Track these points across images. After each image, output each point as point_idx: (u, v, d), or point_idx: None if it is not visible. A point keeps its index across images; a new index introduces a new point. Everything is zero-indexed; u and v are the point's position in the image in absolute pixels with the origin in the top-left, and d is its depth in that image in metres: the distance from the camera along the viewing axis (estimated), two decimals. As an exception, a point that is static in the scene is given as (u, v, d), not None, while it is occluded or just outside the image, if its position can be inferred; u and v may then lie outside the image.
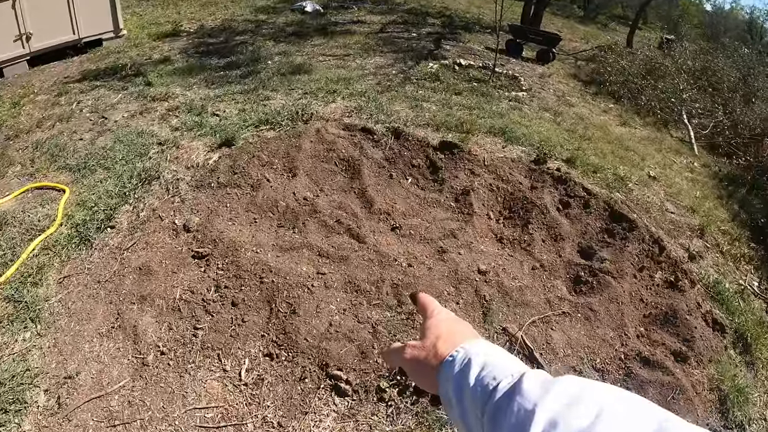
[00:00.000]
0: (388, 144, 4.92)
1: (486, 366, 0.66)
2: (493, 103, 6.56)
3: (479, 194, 4.54)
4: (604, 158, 5.74)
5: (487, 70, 7.81)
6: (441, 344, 0.75)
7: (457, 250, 4.07)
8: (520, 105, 6.77)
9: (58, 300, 3.77)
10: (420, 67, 7.58)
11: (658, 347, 3.82)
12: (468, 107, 6.29)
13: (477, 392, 0.64)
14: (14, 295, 3.72)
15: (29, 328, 3.52)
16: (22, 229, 4.38)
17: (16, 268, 3.92)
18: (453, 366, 0.69)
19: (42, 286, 3.83)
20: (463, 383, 0.66)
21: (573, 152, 5.51)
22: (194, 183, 4.54)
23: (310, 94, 6.25)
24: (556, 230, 4.44)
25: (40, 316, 3.60)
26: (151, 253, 3.96)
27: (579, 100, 7.69)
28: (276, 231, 4.08)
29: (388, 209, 4.32)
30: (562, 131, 6.26)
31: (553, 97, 7.43)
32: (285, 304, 3.51)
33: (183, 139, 5.30)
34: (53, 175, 5.10)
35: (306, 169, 4.63)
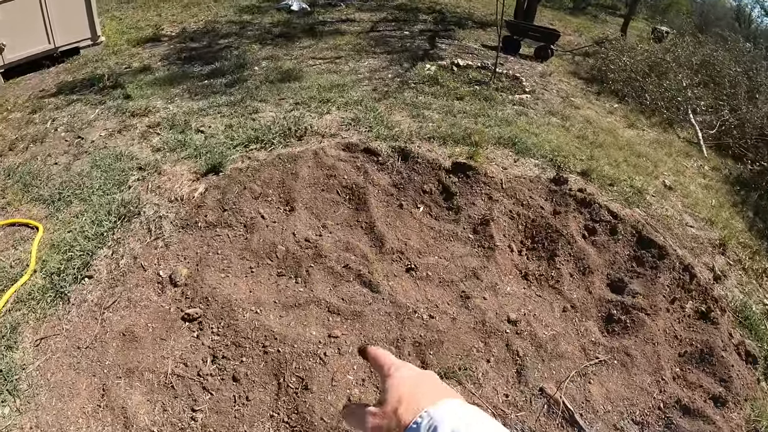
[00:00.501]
0: (394, 167, 4.30)
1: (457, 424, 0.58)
2: (497, 109, 5.96)
3: (499, 223, 3.96)
4: (618, 167, 5.21)
5: (486, 71, 7.17)
6: (403, 410, 0.64)
7: (482, 293, 3.51)
8: (526, 109, 6.17)
9: (36, 368, 3.26)
10: (417, 69, 6.91)
11: (695, 390, 3.42)
12: (472, 114, 5.67)
13: None
14: None
15: (7, 402, 3.05)
16: (-6, 277, 3.79)
17: None
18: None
19: (17, 350, 3.32)
20: None
21: (587, 163, 4.99)
22: (179, 222, 3.88)
23: (302, 105, 5.58)
24: (584, 262, 3.90)
25: (18, 388, 3.10)
26: (135, 314, 3.33)
27: (584, 101, 7.10)
28: (276, 283, 3.46)
29: (400, 247, 3.73)
30: (572, 138, 5.70)
31: (557, 99, 6.84)
32: (295, 377, 2.91)
33: (165, 163, 4.64)
34: (26, 208, 4.46)
35: (305, 201, 4.00)
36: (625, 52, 8.77)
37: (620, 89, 7.81)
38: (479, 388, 2.97)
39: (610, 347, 3.47)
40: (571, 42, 10.23)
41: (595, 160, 5.13)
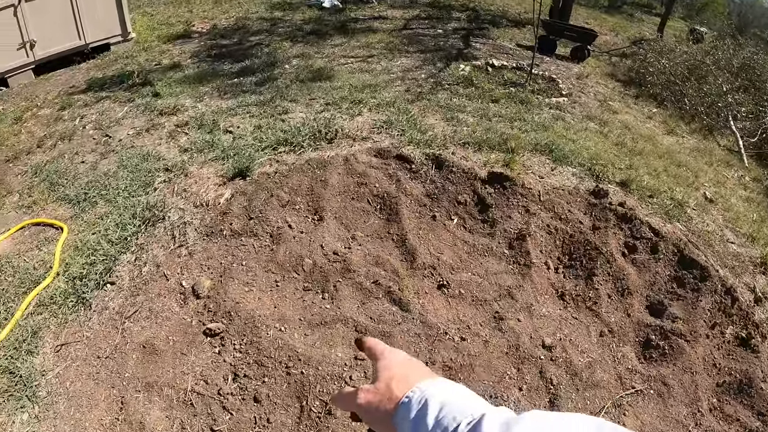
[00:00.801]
0: (428, 175, 4.06)
1: (444, 406, 0.60)
2: (534, 113, 5.66)
3: (536, 239, 3.70)
4: (658, 178, 4.88)
5: (522, 72, 6.85)
6: (395, 385, 0.67)
7: (516, 315, 3.27)
8: (563, 113, 5.86)
9: (55, 375, 3.15)
10: (451, 69, 6.63)
11: (732, 423, 3.16)
12: (508, 118, 5.39)
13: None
14: (8, 366, 3.16)
15: (26, 408, 2.96)
16: (17, 279, 3.78)
17: (9, 330, 3.34)
18: (410, 408, 0.63)
19: (38, 354, 3.22)
20: (420, 426, 0.60)
21: (626, 172, 4.68)
22: (203, 229, 3.71)
23: (332, 106, 5.37)
24: (623, 282, 3.62)
25: (37, 394, 3.01)
26: (156, 326, 3.18)
27: (622, 105, 6.74)
28: (302, 298, 3.26)
29: (433, 262, 3.49)
30: (611, 145, 5.38)
31: (594, 103, 6.49)
32: (318, 401, 2.72)
33: (192, 164, 4.48)
34: (52, 207, 4.37)
35: (334, 210, 3.79)
36: (664, 53, 8.34)
37: (659, 93, 7.41)
38: None
39: (646, 375, 3.21)
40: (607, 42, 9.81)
41: (635, 170, 4.82)
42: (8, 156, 5.01)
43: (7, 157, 5.00)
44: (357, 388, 0.71)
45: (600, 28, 10.15)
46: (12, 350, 3.26)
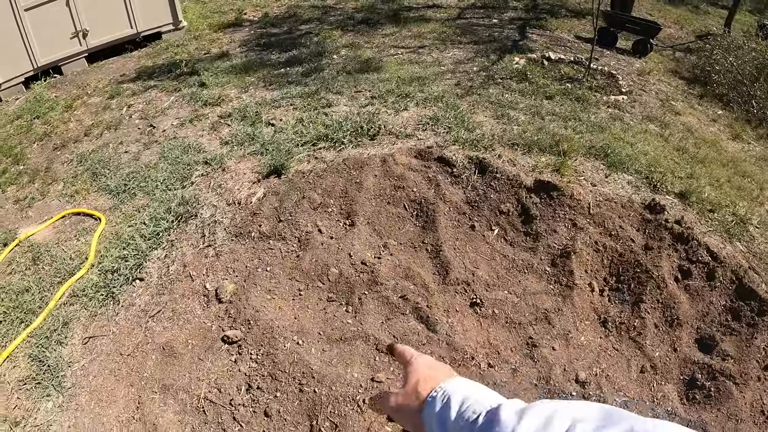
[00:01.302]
0: (470, 181, 3.78)
1: (466, 400, 0.66)
2: (590, 111, 5.23)
3: (582, 257, 3.36)
4: (720, 189, 4.37)
5: (580, 66, 6.37)
6: (421, 386, 0.73)
7: (552, 342, 2.97)
8: (621, 113, 5.39)
9: (81, 367, 3.18)
10: (504, 62, 6.24)
11: None
12: (562, 117, 5.00)
13: (459, 425, 0.64)
14: (38, 354, 3.25)
15: (51, 396, 3.03)
16: (54, 268, 3.87)
17: (42, 319, 3.42)
18: (435, 404, 0.69)
19: (67, 345, 3.28)
20: (445, 419, 0.66)
21: (686, 182, 4.20)
22: (233, 229, 3.61)
23: (378, 99, 5.14)
24: (673, 311, 3.21)
25: (62, 384, 3.06)
26: (177, 328, 3.11)
27: (685, 106, 6.15)
28: (324, 309, 3.09)
29: (467, 277, 3.24)
30: (671, 150, 4.89)
31: (656, 102, 5.95)
32: (329, 422, 2.56)
33: (231, 158, 4.40)
34: (93, 197, 4.42)
35: (367, 215, 3.59)
36: (731, 50, 7.56)
37: (725, 93, 6.72)
38: None
39: (687, 420, 2.82)
40: (671, 36, 9.00)
41: (696, 180, 4.34)
42: (57, 144, 5.11)
43: (55, 145, 5.10)
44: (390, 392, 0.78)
45: (663, 20, 9.26)
46: (43, 339, 3.33)
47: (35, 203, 4.51)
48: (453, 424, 0.64)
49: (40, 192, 4.60)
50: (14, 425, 2.94)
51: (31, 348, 3.29)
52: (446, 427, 0.65)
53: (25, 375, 3.18)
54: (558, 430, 0.52)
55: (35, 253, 3.97)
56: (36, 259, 3.92)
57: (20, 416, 2.99)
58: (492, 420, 0.59)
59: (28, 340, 3.34)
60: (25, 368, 3.22)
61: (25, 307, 3.56)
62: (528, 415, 0.56)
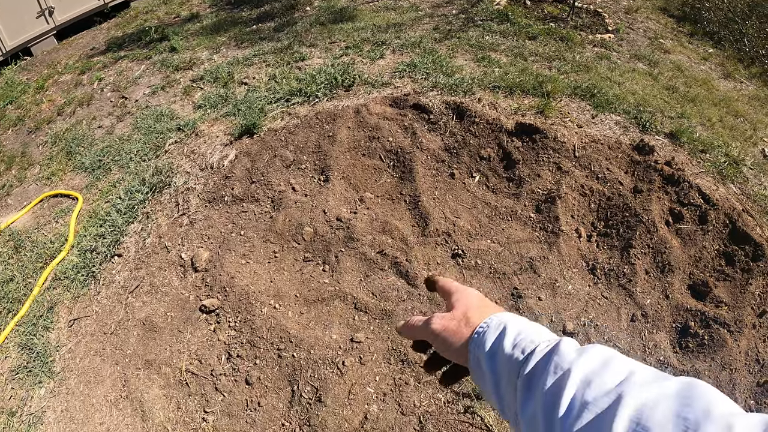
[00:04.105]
0: (448, 127, 3.67)
1: (522, 332, 0.65)
2: (575, 51, 5.03)
3: (567, 201, 3.27)
4: (712, 129, 4.20)
5: (564, 5, 6.10)
6: (472, 314, 0.72)
7: (538, 292, 2.93)
8: (608, 52, 5.17)
9: (68, 350, 3.24)
10: (485, 3, 5.97)
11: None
12: (546, 57, 4.82)
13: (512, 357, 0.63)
14: (27, 342, 3.34)
15: (43, 383, 3.12)
16: (35, 254, 3.88)
17: (28, 307, 3.50)
18: (487, 333, 0.68)
19: (53, 330, 3.35)
20: (497, 350, 0.65)
21: (677, 122, 4.04)
22: (206, 195, 3.58)
23: (353, 49, 4.99)
24: (664, 256, 3.12)
25: (53, 369, 3.15)
26: (156, 302, 3.13)
27: (674, 44, 5.88)
28: (301, 271, 3.07)
29: (448, 228, 3.19)
30: (661, 89, 4.69)
31: (644, 40, 5.70)
32: (309, 387, 2.58)
33: (204, 122, 4.33)
34: (69, 177, 4.42)
35: (342, 169, 3.52)
36: None
37: (716, 32, 6.43)
38: None
39: (680, 370, 2.75)
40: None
41: (687, 119, 4.17)
42: (30, 127, 5.07)
43: (29, 129, 5.07)
44: (430, 315, 0.76)
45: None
46: (30, 326, 3.38)
47: (14, 190, 4.52)
48: (505, 355, 0.64)
49: (17, 178, 4.59)
50: (11, 416, 3.02)
51: (20, 337, 3.34)
52: (497, 358, 0.65)
53: (16, 364, 3.23)
54: (616, 374, 0.53)
55: (16, 241, 3.99)
56: (18, 247, 3.95)
57: (15, 406, 3.06)
58: (552, 353, 0.59)
59: (17, 329, 3.39)
60: (16, 358, 3.28)
61: (11, 297, 3.60)
62: (588, 353, 0.57)
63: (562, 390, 0.54)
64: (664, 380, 0.51)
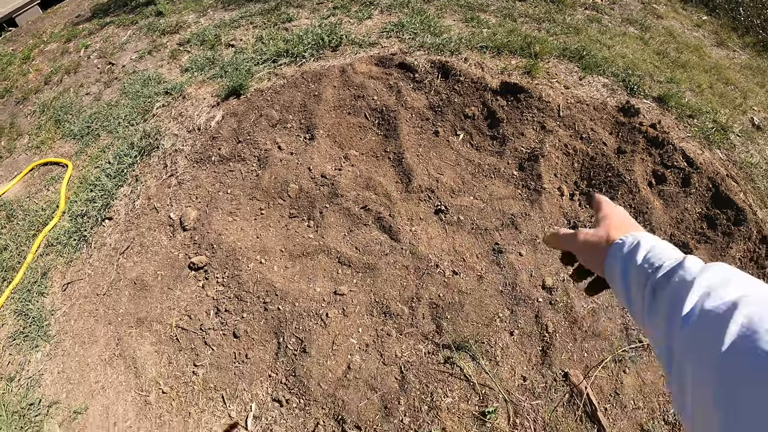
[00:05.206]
0: (433, 86, 3.71)
1: (653, 249, 0.73)
2: (566, 13, 5.01)
3: (550, 160, 3.32)
4: (701, 95, 4.20)
5: None
6: (613, 231, 0.82)
7: (519, 248, 3.00)
8: (599, 15, 5.15)
9: (62, 314, 3.35)
10: None
11: None
12: (536, 19, 4.81)
13: (643, 269, 0.71)
14: (22, 308, 3.47)
15: (39, 347, 3.26)
16: (27, 222, 3.98)
17: (22, 274, 3.62)
18: (623, 247, 0.77)
19: (48, 295, 3.47)
20: (630, 262, 0.74)
21: (665, 86, 4.03)
22: (194, 156, 3.64)
23: (340, 9, 4.98)
24: (646, 216, 3.17)
25: (48, 333, 3.28)
26: (146, 261, 3.22)
27: (667, 10, 5.82)
28: (286, 226, 3.16)
29: (431, 184, 3.26)
30: (651, 54, 4.68)
31: (637, 5, 5.65)
32: (294, 339, 2.69)
33: (191, 85, 4.36)
34: (59, 145, 4.49)
35: (327, 127, 3.57)
36: None
37: None
38: (495, 365, 2.55)
39: None
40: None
41: (676, 84, 4.16)
42: (18, 98, 5.11)
43: (17, 99, 5.11)
44: (578, 229, 0.86)
45: None
46: (25, 292, 3.48)
47: (3, 161, 4.58)
48: (636, 268, 0.72)
49: (7, 149, 4.65)
50: (10, 381, 3.15)
51: (16, 304, 3.44)
52: (628, 270, 0.73)
53: (13, 330, 3.35)
54: (734, 290, 0.58)
55: (8, 210, 4.07)
56: (10, 216, 4.03)
57: (14, 371, 3.18)
58: (678, 267, 0.66)
59: (12, 297, 3.50)
60: (13, 324, 3.39)
61: (5, 265, 3.70)
62: (710, 270, 0.62)
63: (685, 297, 0.60)
64: None
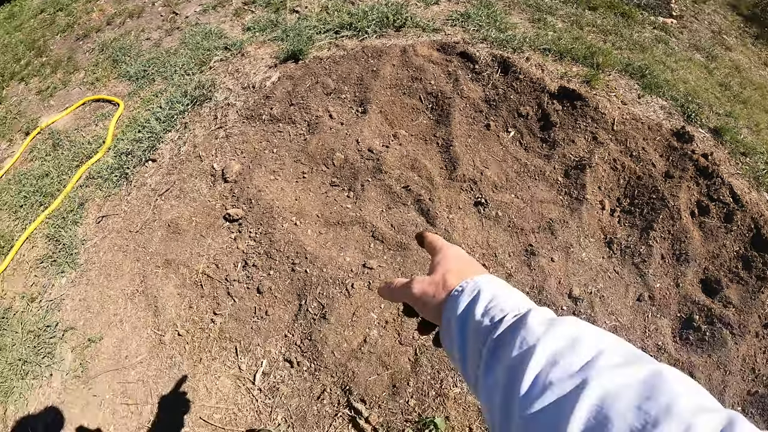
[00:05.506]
0: (491, 79, 3.67)
1: (494, 299, 0.64)
2: (634, 29, 4.89)
3: (597, 172, 3.25)
4: (758, 135, 4.04)
5: None
6: (450, 277, 0.72)
7: (551, 253, 2.95)
8: (667, 36, 5.02)
9: (93, 245, 3.42)
10: None
11: None
12: (603, 30, 4.71)
13: (482, 324, 0.62)
14: (55, 234, 3.57)
15: (65, 273, 3.34)
16: (72, 153, 4.10)
17: (60, 201, 3.73)
18: (461, 297, 0.67)
19: (81, 224, 3.56)
20: (468, 314, 0.65)
21: (723, 119, 3.88)
22: (245, 112, 3.68)
23: (409, -9, 4.99)
24: (683, 245, 3.07)
25: (76, 261, 3.35)
26: (184, 206, 3.28)
27: (737, 43, 5.64)
28: (326, 193, 3.17)
29: (474, 175, 3.23)
30: (714, 84, 4.53)
31: (707, 32, 5.49)
32: (316, 303, 2.70)
33: (251, 44, 4.40)
34: (113, 84, 4.58)
35: (381, 104, 3.57)
36: None
37: None
38: None
39: (675, 359, 2.74)
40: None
41: (734, 119, 4.01)
42: (79, 35, 5.23)
43: (78, 36, 5.23)
44: (411, 278, 0.76)
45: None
46: (60, 219, 3.58)
47: (57, 92, 4.70)
48: (475, 321, 0.63)
49: (62, 81, 4.77)
50: (31, 301, 3.25)
51: (49, 228, 3.54)
52: (467, 323, 0.64)
53: (42, 254, 3.45)
54: (583, 355, 0.51)
55: (55, 139, 4.18)
56: (56, 145, 4.14)
57: (36, 293, 3.28)
58: (519, 325, 0.58)
59: (47, 222, 3.60)
60: (43, 248, 3.49)
61: (44, 191, 3.81)
62: (555, 329, 0.55)
63: (525, 366, 0.53)
64: (632, 365, 0.49)
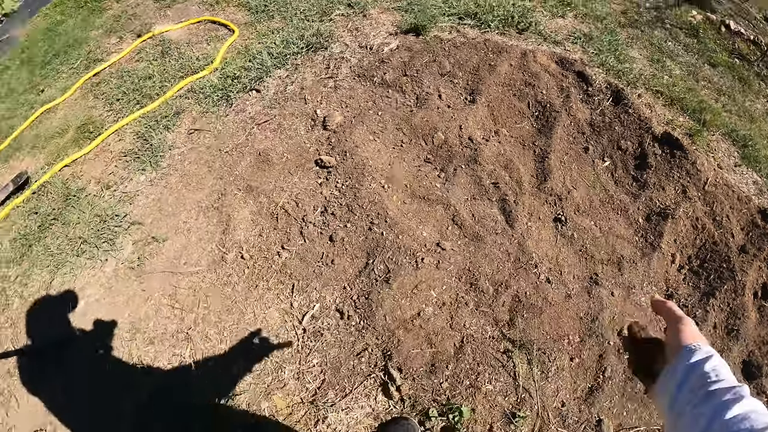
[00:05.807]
0: (601, 105, 3.67)
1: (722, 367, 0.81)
2: (747, 96, 4.76)
3: (677, 225, 3.22)
4: None
5: (757, 48, 5.76)
6: (683, 338, 0.91)
7: (614, 288, 2.96)
8: None
9: (179, 153, 3.60)
10: (680, 10, 5.74)
11: None
12: (717, 89, 4.61)
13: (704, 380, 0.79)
14: (145, 133, 3.72)
15: (146, 171, 3.51)
16: (179, 64, 4.26)
17: (157, 104, 3.87)
18: (695, 353, 0.85)
19: (172, 131, 3.72)
20: (695, 369, 0.82)
21: None
22: (357, 69, 3.78)
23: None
24: (738, 321, 3.01)
25: (159, 163, 3.52)
26: (278, 140, 3.41)
27: None
28: (419, 167, 3.25)
29: (562, 192, 3.25)
30: None
31: None
32: (383, 266, 2.80)
33: (374, 7, 4.48)
34: (232, 10, 4.74)
35: (490, 98, 3.61)
36: None
37: None
38: (544, 379, 2.56)
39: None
40: None
41: None
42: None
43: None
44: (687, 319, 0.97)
45: None
46: (153, 122, 3.75)
47: (176, 5, 4.87)
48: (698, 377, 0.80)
49: (182, -5, 4.96)
50: (105, 188, 3.43)
51: (140, 127, 3.71)
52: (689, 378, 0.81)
53: (128, 149, 3.62)
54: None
55: (165, 47, 4.35)
56: (164, 53, 4.30)
57: (113, 182, 3.46)
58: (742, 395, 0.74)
59: (139, 120, 3.77)
60: (130, 143, 3.67)
61: (144, 92, 3.98)
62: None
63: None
64: None
